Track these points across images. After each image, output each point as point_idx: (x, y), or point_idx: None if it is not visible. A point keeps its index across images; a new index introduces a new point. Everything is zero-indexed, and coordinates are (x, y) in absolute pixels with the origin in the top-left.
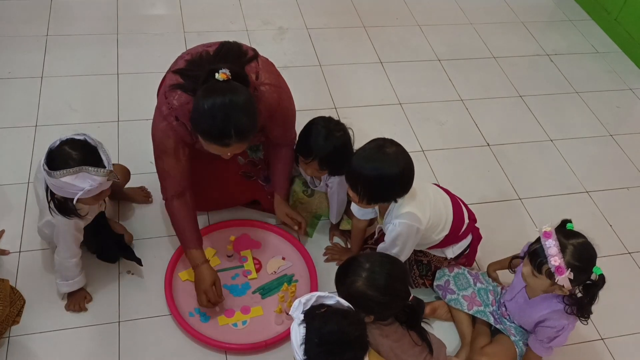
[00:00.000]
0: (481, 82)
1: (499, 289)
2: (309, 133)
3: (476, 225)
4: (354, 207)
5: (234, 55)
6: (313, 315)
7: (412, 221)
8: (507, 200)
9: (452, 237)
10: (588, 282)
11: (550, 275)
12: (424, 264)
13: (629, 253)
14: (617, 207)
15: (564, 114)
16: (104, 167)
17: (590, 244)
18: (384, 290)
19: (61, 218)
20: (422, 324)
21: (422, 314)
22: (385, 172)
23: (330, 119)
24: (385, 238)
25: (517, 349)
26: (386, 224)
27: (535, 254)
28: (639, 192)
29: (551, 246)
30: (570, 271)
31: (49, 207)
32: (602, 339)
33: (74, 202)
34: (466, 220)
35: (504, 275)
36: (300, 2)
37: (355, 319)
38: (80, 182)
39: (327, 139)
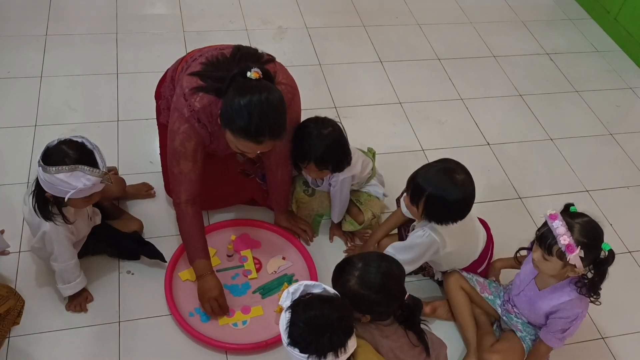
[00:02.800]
0: (481, 81)
1: (502, 293)
2: (300, 137)
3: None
4: (402, 204)
5: (252, 57)
6: (298, 302)
7: (438, 239)
8: (507, 200)
9: None
10: (598, 259)
11: (562, 255)
12: None
13: (629, 252)
14: (617, 206)
15: (564, 112)
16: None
17: (595, 222)
18: (377, 288)
19: (50, 223)
20: (421, 325)
21: (419, 313)
22: (449, 198)
23: (317, 118)
24: (408, 238)
25: (524, 345)
26: (417, 227)
27: (543, 237)
28: (638, 191)
29: (559, 226)
30: (581, 249)
31: (34, 207)
32: (602, 337)
33: (66, 199)
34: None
35: (505, 275)
36: (299, 1)
37: (337, 303)
38: (73, 181)
39: (318, 140)
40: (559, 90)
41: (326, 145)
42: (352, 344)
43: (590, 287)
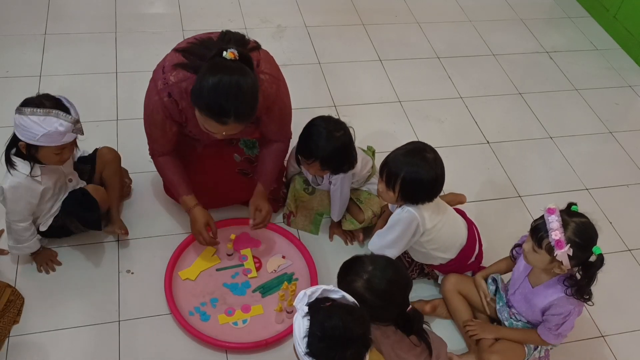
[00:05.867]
0: (480, 79)
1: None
2: (309, 134)
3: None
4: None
5: (239, 42)
6: (317, 309)
7: (417, 214)
8: (506, 198)
9: (456, 265)
10: (587, 262)
11: (550, 249)
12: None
13: (629, 250)
14: (617, 204)
15: (563, 111)
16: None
17: (592, 224)
18: (381, 295)
19: (12, 177)
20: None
21: (417, 325)
22: (424, 177)
23: (330, 118)
24: (388, 221)
25: (525, 348)
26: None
27: (536, 229)
28: (638, 189)
29: (553, 221)
30: (570, 247)
31: (6, 154)
32: (602, 336)
33: (36, 140)
34: (472, 259)
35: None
36: None
37: (359, 315)
38: (46, 125)
39: (328, 140)
40: (559, 89)
41: (335, 147)
42: (367, 356)
43: (578, 289)
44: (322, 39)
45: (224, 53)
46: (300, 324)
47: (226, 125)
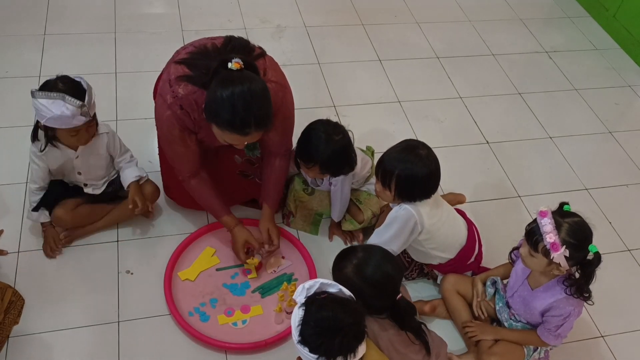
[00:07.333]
0: (480, 79)
1: (503, 299)
2: (308, 138)
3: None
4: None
5: (243, 49)
6: (312, 300)
7: (414, 212)
8: (506, 198)
9: (456, 265)
10: (585, 261)
11: (547, 253)
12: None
13: (629, 250)
14: (617, 204)
15: (563, 111)
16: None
17: (586, 223)
18: (371, 282)
19: (31, 146)
20: (421, 325)
21: (409, 316)
22: (418, 173)
23: (328, 122)
24: (386, 219)
25: (524, 349)
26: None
27: (531, 233)
28: (638, 189)
29: (546, 224)
30: (566, 248)
31: (35, 126)
32: (602, 336)
33: (42, 122)
34: (472, 259)
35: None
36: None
37: (352, 307)
38: (54, 108)
39: (327, 144)
40: (558, 89)
41: (334, 151)
42: (362, 349)
43: (578, 288)
44: (322, 39)
45: (229, 64)
46: (296, 314)
47: (248, 136)
